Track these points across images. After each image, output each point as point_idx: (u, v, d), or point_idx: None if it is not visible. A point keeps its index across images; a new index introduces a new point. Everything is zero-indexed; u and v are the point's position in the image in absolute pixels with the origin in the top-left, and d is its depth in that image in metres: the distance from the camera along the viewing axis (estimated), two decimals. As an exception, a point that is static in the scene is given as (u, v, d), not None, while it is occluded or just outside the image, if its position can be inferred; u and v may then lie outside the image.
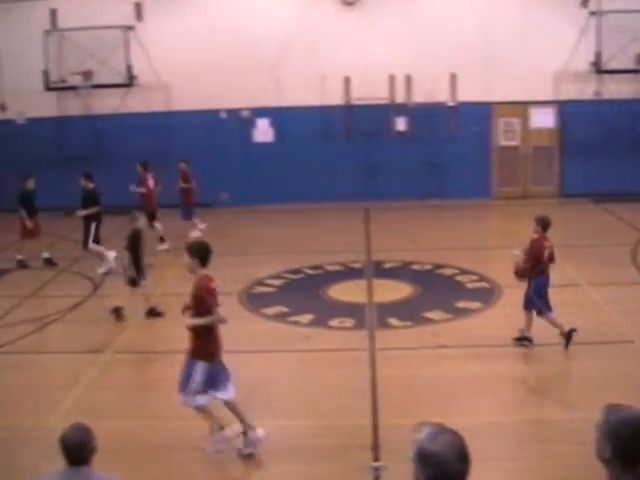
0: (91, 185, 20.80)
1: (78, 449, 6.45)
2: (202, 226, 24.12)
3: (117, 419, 11.58)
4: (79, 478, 6.49)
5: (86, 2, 27.70)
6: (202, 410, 10.64)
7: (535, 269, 14.12)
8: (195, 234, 23.04)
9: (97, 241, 20.60)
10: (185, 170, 24.56)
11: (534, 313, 14.23)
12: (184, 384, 10.56)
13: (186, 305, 10.65)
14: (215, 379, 10.56)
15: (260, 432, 10.70)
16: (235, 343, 14.94)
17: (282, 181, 27.97)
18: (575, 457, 9.69)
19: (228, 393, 10.66)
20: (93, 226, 20.44)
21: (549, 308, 14.10)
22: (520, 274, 14.42)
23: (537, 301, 14.12)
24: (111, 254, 20.24)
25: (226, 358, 14.12)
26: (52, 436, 11.08)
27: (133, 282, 16.69)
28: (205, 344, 10.53)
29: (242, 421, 10.75)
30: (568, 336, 13.86)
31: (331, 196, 27.23)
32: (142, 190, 23.58)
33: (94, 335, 15.68)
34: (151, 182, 23.67)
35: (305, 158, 27.87)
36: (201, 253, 10.60)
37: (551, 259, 14.35)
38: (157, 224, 23.18)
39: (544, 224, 14.29)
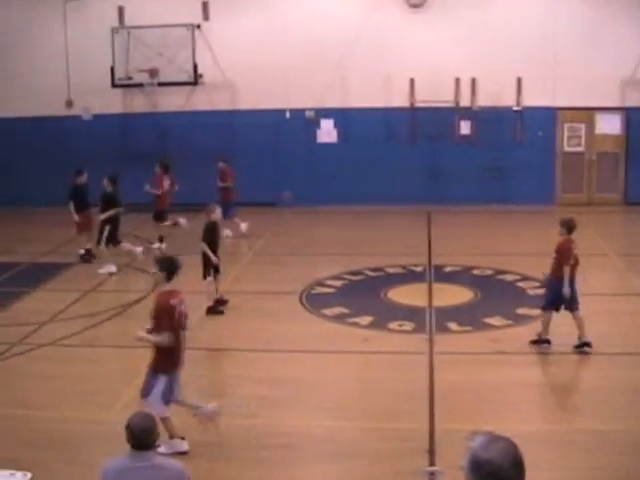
0: (111, 188, 20.86)
1: (145, 435, 6.85)
2: (244, 225, 24.19)
3: (175, 414, 11.68)
4: (145, 461, 6.91)
5: (153, 1, 28.04)
6: (164, 419, 10.71)
7: (561, 271, 14.22)
8: (227, 233, 23.30)
9: (115, 242, 20.77)
10: (223, 169, 24.57)
11: (578, 312, 14.26)
12: (146, 390, 10.81)
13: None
14: (173, 390, 10.82)
15: (211, 406, 11.05)
16: (294, 343, 15.08)
17: (345, 182, 28.02)
18: (621, 469, 9.66)
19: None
20: (107, 228, 20.59)
21: (556, 309, 14.29)
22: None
23: (548, 295, 14.45)
24: (138, 249, 20.95)
25: (285, 357, 14.30)
26: (111, 429, 11.34)
27: (216, 270, 16.98)
28: (165, 359, 10.72)
29: (190, 406, 11.15)
30: (539, 341, 14.30)
31: (393, 199, 27.22)
32: (157, 192, 23.67)
33: (154, 331, 15.84)
34: (166, 183, 23.75)
35: (368, 160, 27.91)
36: (169, 267, 10.89)
37: (576, 262, 14.43)
38: (166, 223, 23.55)
39: (569, 227, 14.52)
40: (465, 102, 27.53)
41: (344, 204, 27.45)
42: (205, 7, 28.19)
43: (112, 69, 27.96)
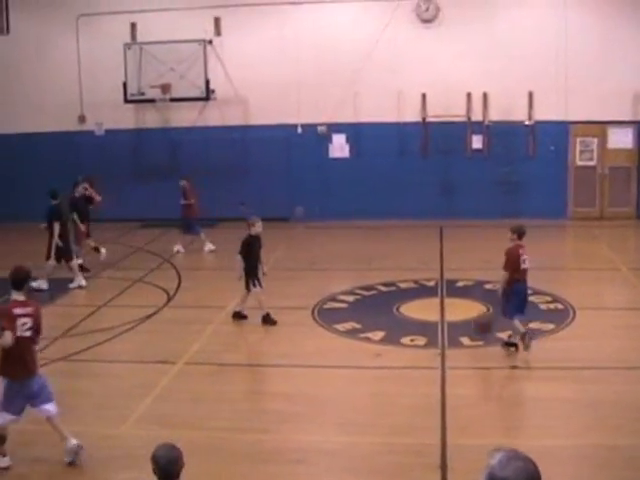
0: (54, 202, 20.83)
1: (171, 465, 6.88)
2: (210, 246, 24.52)
3: (188, 429, 11.70)
4: None
5: (165, 16, 28.16)
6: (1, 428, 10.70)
7: (513, 277, 14.63)
8: (177, 248, 23.59)
9: (66, 258, 20.72)
10: (185, 187, 24.67)
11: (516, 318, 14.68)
12: None
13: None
14: (12, 401, 10.69)
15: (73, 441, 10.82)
16: (306, 358, 15.07)
17: (357, 197, 28.06)
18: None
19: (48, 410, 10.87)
20: (54, 243, 20.46)
21: (519, 312, 14.67)
22: (481, 329, 15.32)
23: (505, 303, 14.75)
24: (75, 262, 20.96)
25: (297, 372, 14.29)
26: (124, 444, 11.37)
27: (247, 285, 17.02)
28: (6, 363, 10.62)
29: (61, 434, 10.94)
30: (510, 344, 14.74)
31: (405, 213, 27.23)
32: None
33: (166, 346, 15.87)
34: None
35: (380, 174, 27.93)
36: (14, 278, 10.78)
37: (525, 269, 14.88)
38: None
39: (519, 232, 15.11)
40: (477, 116, 27.55)
41: (356, 219, 27.47)
42: (217, 22, 28.29)
43: (124, 84, 28.05)
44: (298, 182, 28.43)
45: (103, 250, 22.40)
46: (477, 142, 27.88)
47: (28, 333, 10.65)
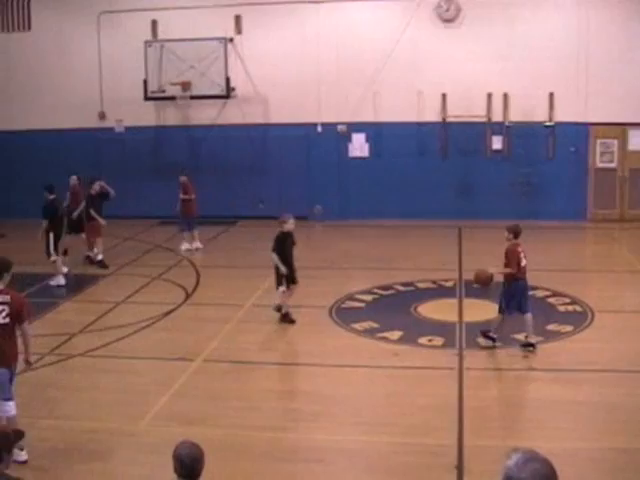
0: (51, 197, 21.05)
1: (195, 463, 6.85)
2: (198, 244, 24.54)
3: (206, 427, 11.76)
4: None
5: (186, 14, 28.20)
6: None
7: (513, 274, 15.07)
8: (188, 246, 23.70)
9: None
10: (185, 182, 24.70)
11: (529, 314, 15.12)
12: None
13: None
14: None
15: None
16: (324, 357, 15.11)
17: (376, 197, 28.07)
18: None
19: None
20: (52, 237, 20.70)
21: (523, 310, 15.07)
22: (482, 281, 15.53)
23: (503, 301, 15.18)
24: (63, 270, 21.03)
25: (315, 371, 14.34)
26: (142, 441, 11.45)
27: (292, 280, 17.15)
28: None
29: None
30: (490, 337, 15.17)
31: (424, 213, 27.23)
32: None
33: (185, 343, 15.93)
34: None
35: (400, 174, 27.92)
36: None
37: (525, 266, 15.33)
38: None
39: (515, 232, 15.52)
40: (497, 117, 27.51)
41: (375, 218, 27.48)
42: (238, 21, 28.33)
43: (145, 82, 28.11)
44: (317, 181, 28.45)
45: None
46: (497, 143, 27.84)
47: (4, 320, 10.76)
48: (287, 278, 17.02)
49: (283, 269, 16.91)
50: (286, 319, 17.08)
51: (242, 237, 26.69)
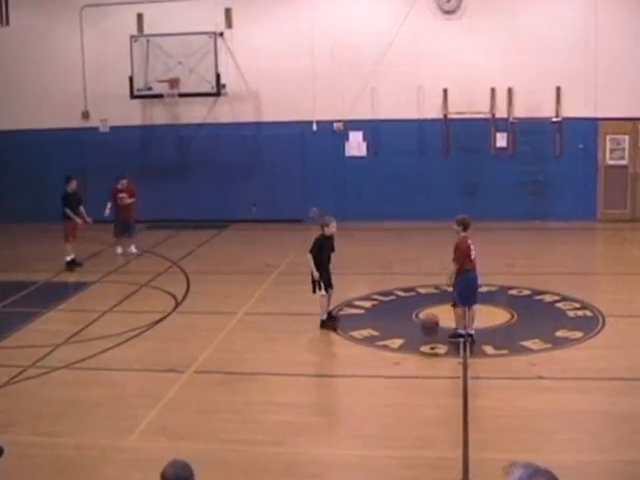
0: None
1: None
2: (120, 250, 24.70)
3: (198, 442, 11.74)
4: None
5: (174, 7, 28.22)
6: None
7: (464, 267, 15.85)
8: (133, 250, 24.02)
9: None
10: (129, 186, 24.76)
11: (467, 309, 16.01)
12: None
13: None
14: None
15: None
16: (321, 367, 15.13)
17: (374, 198, 28.06)
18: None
19: None
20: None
21: (469, 303, 15.94)
22: (427, 331, 16.14)
23: (456, 294, 15.95)
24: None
25: (312, 382, 14.35)
26: (130, 457, 11.43)
27: (328, 284, 17.27)
28: None
29: None
30: (457, 335, 15.83)
31: (426, 215, 27.19)
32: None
33: (175, 353, 15.92)
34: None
35: (399, 174, 27.92)
36: None
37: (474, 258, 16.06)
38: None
39: (464, 224, 16.17)
40: (501, 113, 27.54)
41: (374, 221, 27.46)
42: (228, 14, 28.33)
43: (131, 79, 28.11)
44: (313, 182, 28.45)
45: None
46: (501, 140, 27.85)
47: None
48: (324, 282, 17.08)
49: (316, 274, 17.04)
50: (328, 325, 17.15)
51: (234, 241, 26.70)
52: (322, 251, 17.23)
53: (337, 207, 27.78)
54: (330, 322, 17.19)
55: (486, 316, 17.50)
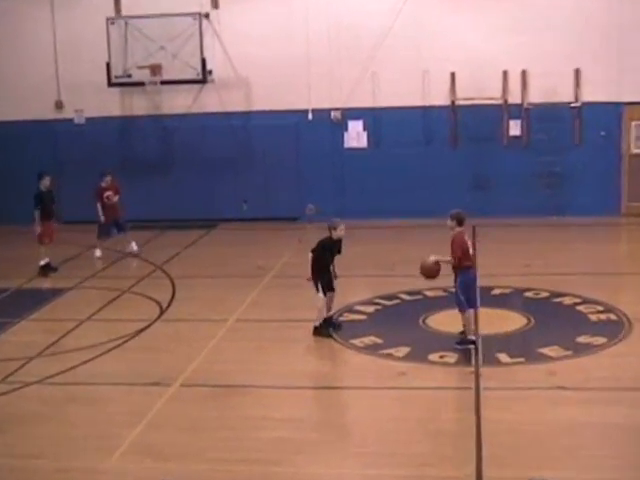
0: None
1: None
2: (99, 253, 24.77)
3: (186, 462, 11.75)
4: None
5: (155, -14, 28.19)
6: None
7: (462, 263, 16.05)
8: (97, 253, 24.17)
9: None
10: (114, 182, 24.85)
11: (471, 311, 16.31)
12: None
13: None
14: None
15: None
16: (319, 378, 15.13)
17: (376, 193, 28.06)
18: None
19: None
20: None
21: (471, 305, 16.23)
22: (428, 273, 16.43)
23: (459, 297, 16.10)
24: None
25: (309, 395, 14.36)
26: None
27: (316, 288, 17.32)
28: None
29: None
30: (466, 342, 16.00)
31: (433, 211, 26.91)
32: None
33: (160, 365, 15.92)
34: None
35: (403, 167, 27.92)
36: None
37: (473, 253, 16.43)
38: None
39: (459, 219, 16.22)
40: (515, 98, 27.54)
41: (376, 218, 27.44)
42: (214, -7, 28.38)
43: (108, 65, 28.05)
44: (308, 176, 28.44)
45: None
46: (515, 128, 27.86)
47: None
48: (323, 285, 17.17)
49: (310, 276, 17.21)
50: (323, 332, 17.21)
51: (224, 242, 26.69)
52: (326, 254, 17.29)
53: (335, 203, 27.87)
54: (325, 330, 17.20)
55: (500, 320, 17.54)
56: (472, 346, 15.83)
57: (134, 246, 24.61)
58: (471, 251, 16.21)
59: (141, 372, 15.65)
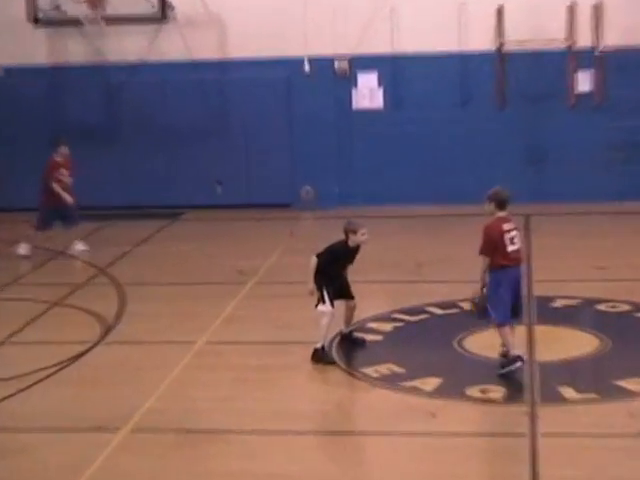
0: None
1: None
2: (23, 251, 24.95)
3: None
4: None
5: None
6: None
7: (495, 262, 15.84)
8: (80, 247, 24.19)
9: None
10: (68, 156, 24.96)
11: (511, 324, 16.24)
12: None
13: None
14: None
15: None
16: (320, 420, 15.17)
17: (394, 171, 28.08)
18: None
19: None
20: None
21: (509, 315, 16.02)
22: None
23: (489, 305, 15.98)
24: None
25: (305, 443, 14.37)
26: None
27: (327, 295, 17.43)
28: None
29: None
30: (511, 361, 15.95)
31: (470, 195, 26.97)
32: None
33: (104, 403, 15.91)
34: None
35: (431, 136, 27.94)
36: None
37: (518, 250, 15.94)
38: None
39: (498, 200, 15.86)
40: (584, 42, 27.51)
41: (394, 204, 27.50)
42: None
43: (32, -2, 28.16)
44: (305, 149, 28.48)
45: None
46: (584, 82, 27.87)
47: None
48: (330, 293, 17.29)
49: (310, 286, 17.24)
50: (324, 358, 17.29)
51: (191, 236, 26.72)
52: (335, 263, 17.34)
53: (341, 184, 27.97)
54: (328, 355, 17.24)
55: (564, 343, 17.56)
56: (520, 363, 15.84)
57: (81, 246, 24.58)
58: (514, 245, 15.87)
59: (78, 413, 15.63)
